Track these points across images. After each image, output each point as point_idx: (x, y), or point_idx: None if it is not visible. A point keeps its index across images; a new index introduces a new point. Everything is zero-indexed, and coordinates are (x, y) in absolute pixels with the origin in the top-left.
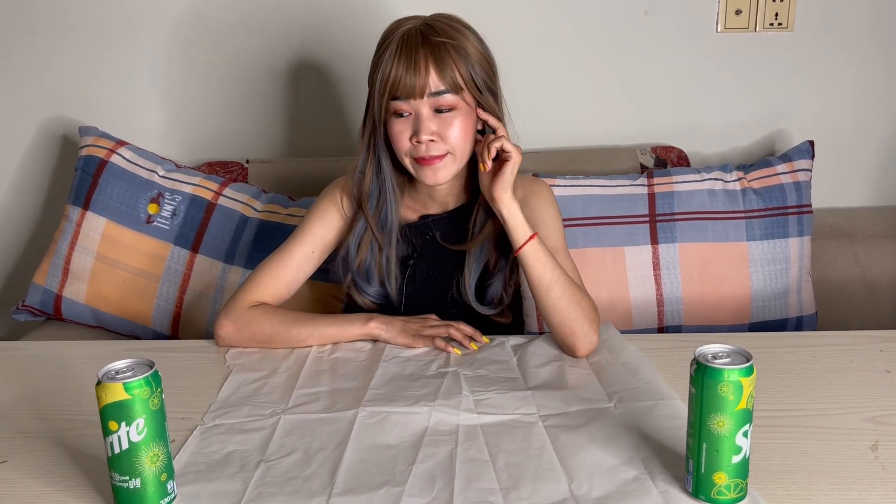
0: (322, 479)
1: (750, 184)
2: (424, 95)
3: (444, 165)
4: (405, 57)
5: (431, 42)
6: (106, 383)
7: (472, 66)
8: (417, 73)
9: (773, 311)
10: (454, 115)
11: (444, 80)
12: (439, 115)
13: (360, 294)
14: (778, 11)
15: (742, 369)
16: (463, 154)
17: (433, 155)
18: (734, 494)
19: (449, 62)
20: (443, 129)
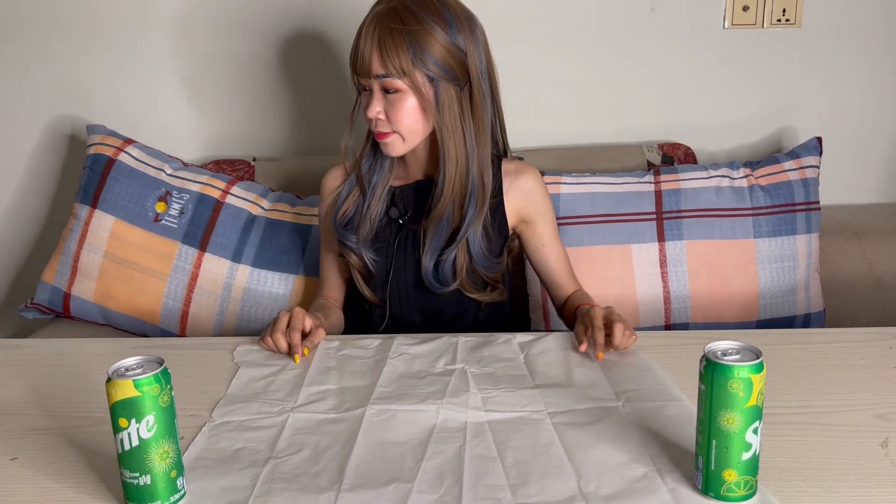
0: (331, 476)
1: (757, 181)
2: (371, 76)
3: (392, 143)
4: (363, 35)
5: (384, 26)
6: (116, 380)
7: (423, 52)
8: (365, 55)
9: (781, 309)
10: (399, 97)
11: (385, 65)
12: (387, 95)
13: (346, 249)
14: (785, 7)
15: (752, 366)
16: (412, 134)
17: (380, 131)
18: (744, 491)
19: (392, 48)
20: (388, 110)
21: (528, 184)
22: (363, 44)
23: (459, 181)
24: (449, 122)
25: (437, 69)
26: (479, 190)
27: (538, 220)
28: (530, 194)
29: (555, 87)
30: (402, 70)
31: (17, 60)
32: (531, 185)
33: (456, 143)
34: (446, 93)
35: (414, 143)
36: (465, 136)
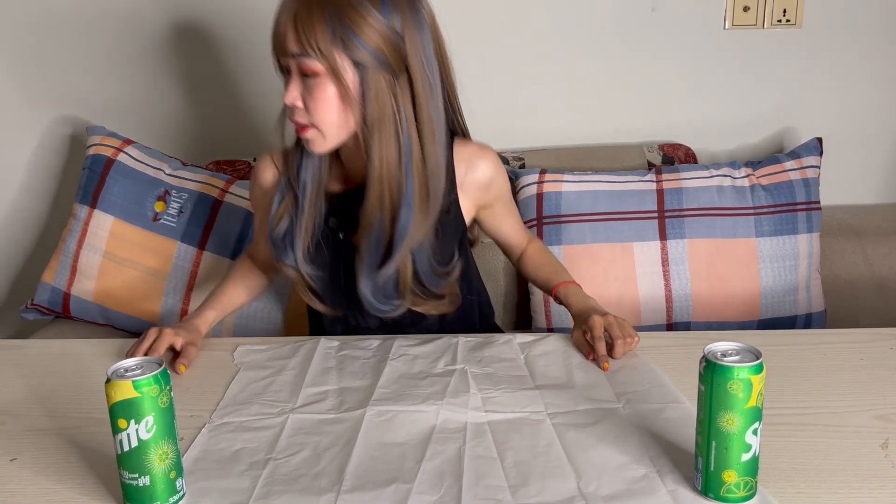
0: (331, 477)
1: (759, 180)
2: (286, 54)
3: (313, 138)
4: (281, 7)
5: (291, 4)
6: (115, 381)
7: (347, 32)
8: (280, 28)
9: (782, 308)
10: (317, 83)
11: (300, 43)
12: (306, 80)
13: (283, 266)
14: (786, 8)
15: (752, 367)
16: (332, 128)
17: (298, 122)
18: (743, 493)
19: (308, 22)
20: (306, 97)
21: (485, 173)
22: (280, 16)
23: (389, 185)
24: (375, 115)
25: (365, 54)
26: (420, 195)
27: (497, 203)
28: (489, 184)
29: (555, 88)
30: (318, 49)
31: (18, 61)
32: (490, 174)
33: (383, 140)
34: (375, 82)
35: (337, 140)
36: (398, 132)
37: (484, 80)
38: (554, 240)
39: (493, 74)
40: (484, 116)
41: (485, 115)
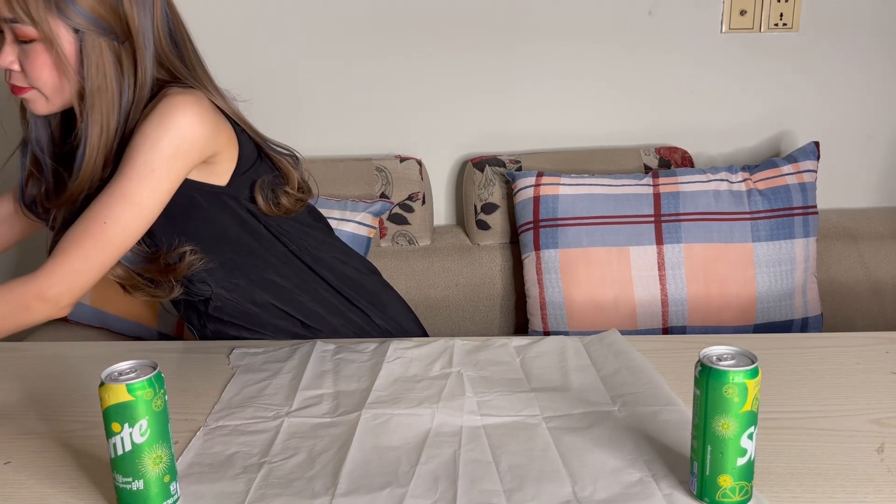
0: (325, 480)
1: (755, 185)
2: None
3: (34, 99)
4: None
5: None
6: (109, 385)
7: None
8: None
9: (779, 313)
10: (33, 48)
11: (11, 6)
12: (22, 44)
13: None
14: (783, 12)
15: (747, 371)
16: (54, 92)
17: (15, 84)
18: (739, 497)
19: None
20: (24, 62)
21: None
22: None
23: (106, 156)
24: (95, 83)
25: (83, 20)
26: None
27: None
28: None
29: (553, 91)
30: (30, 16)
31: None
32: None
33: (104, 109)
34: (95, 48)
35: (61, 103)
36: (120, 99)
37: (481, 82)
38: (550, 243)
39: (491, 77)
40: (481, 119)
41: (482, 117)
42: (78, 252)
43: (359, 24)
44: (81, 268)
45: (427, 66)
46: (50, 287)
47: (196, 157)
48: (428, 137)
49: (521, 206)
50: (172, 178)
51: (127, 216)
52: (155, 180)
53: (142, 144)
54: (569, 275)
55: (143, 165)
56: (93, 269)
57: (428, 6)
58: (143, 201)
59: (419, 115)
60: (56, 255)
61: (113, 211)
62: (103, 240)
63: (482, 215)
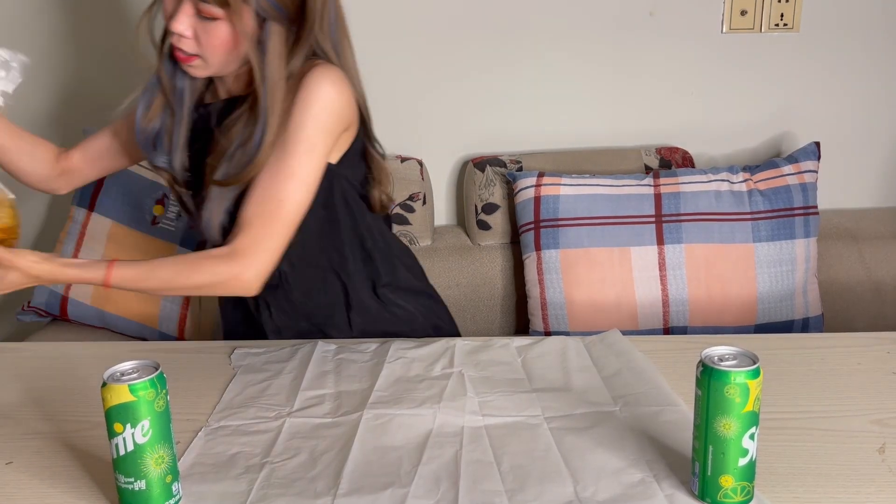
0: (327, 481)
1: (756, 185)
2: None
3: (196, 67)
4: None
5: None
6: (111, 385)
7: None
8: None
9: (780, 313)
10: (215, 26)
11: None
12: (201, 18)
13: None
14: (783, 12)
15: (748, 371)
16: (218, 65)
17: (184, 50)
18: (740, 497)
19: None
20: (200, 34)
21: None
22: None
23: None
24: (272, 66)
25: (269, 7)
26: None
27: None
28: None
29: (553, 91)
30: (225, 1)
31: None
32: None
33: (279, 90)
34: (273, 32)
35: (221, 73)
36: (287, 80)
37: (482, 82)
38: (551, 243)
39: (492, 77)
40: (482, 119)
41: (483, 118)
42: (265, 232)
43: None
44: (270, 247)
45: (428, 66)
46: (247, 268)
47: (339, 131)
48: (429, 138)
49: (521, 206)
50: (326, 152)
51: (299, 194)
52: (315, 156)
53: (302, 122)
54: (570, 275)
55: (305, 142)
56: (278, 248)
57: (428, 7)
58: (307, 177)
59: (420, 115)
60: (245, 236)
61: (286, 189)
62: (284, 219)
63: (483, 215)
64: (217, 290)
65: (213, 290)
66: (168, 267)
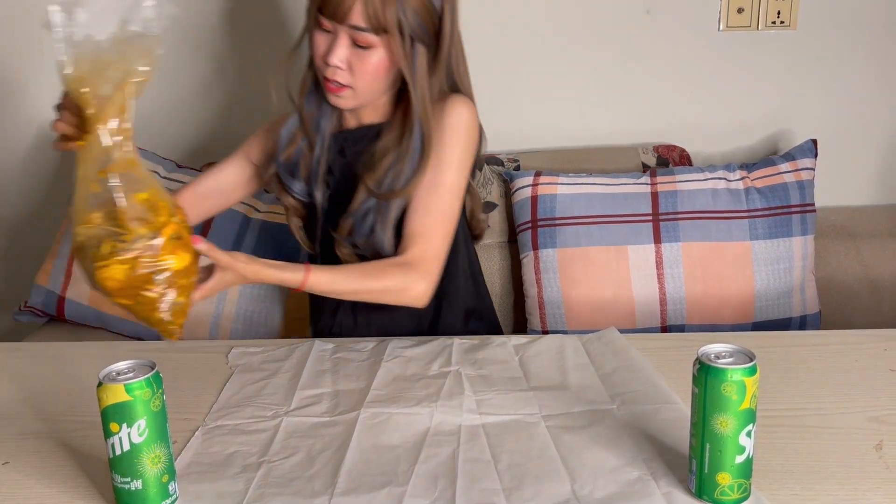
0: (324, 480)
1: (753, 183)
2: (344, 23)
3: (346, 97)
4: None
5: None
6: (107, 385)
7: (403, 12)
8: (343, 1)
9: (777, 311)
10: (369, 53)
11: (367, 18)
12: (356, 47)
13: (283, 191)
14: (780, 10)
15: (745, 369)
16: (366, 93)
17: (338, 81)
18: (737, 495)
19: (377, 2)
20: (354, 63)
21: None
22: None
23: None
24: (422, 87)
25: (418, 29)
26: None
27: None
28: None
29: (550, 90)
30: (384, 28)
31: (11, 61)
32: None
33: (426, 109)
34: (420, 55)
35: (367, 102)
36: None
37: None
38: (549, 242)
39: (488, 76)
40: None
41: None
42: (432, 245)
43: None
44: (438, 257)
45: None
46: (421, 279)
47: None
48: None
49: (519, 205)
50: (469, 171)
51: (455, 207)
52: (465, 173)
53: (453, 142)
54: (567, 274)
55: (458, 159)
56: (443, 260)
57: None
58: (460, 192)
59: None
60: (416, 248)
61: (448, 204)
62: (446, 231)
63: None
64: (394, 297)
65: (391, 297)
66: (355, 271)
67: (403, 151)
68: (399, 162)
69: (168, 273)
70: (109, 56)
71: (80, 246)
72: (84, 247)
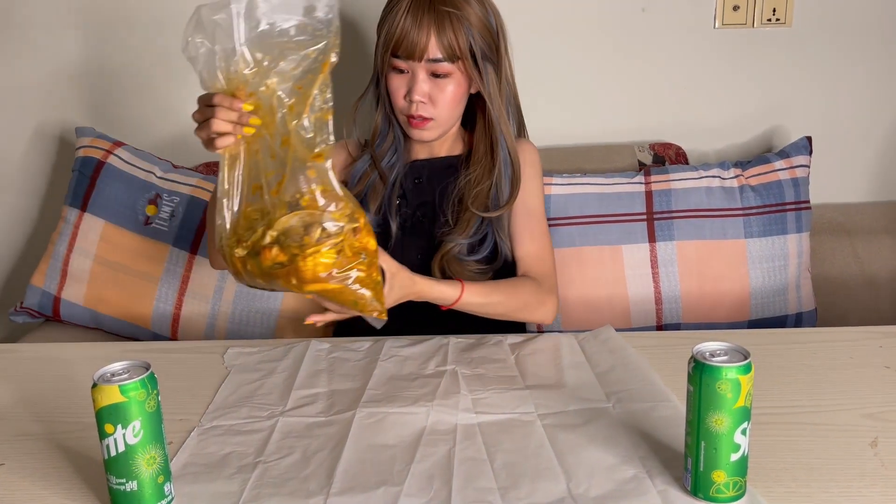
0: (320, 480)
1: (748, 181)
2: (422, 60)
3: (431, 128)
4: (410, 19)
5: (437, 10)
6: (101, 386)
7: (472, 36)
8: (419, 38)
9: (773, 308)
10: (447, 81)
11: (443, 49)
12: (434, 78)
13: None
14: (776, 7)
15: (740, 367)
16: (447, 120)
17: (422, 115)
18: (733, 492)
19: (449, 32)
20: (434, 93)
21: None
22: (411, 24)
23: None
24: (497, 101)
25: (486, 49)
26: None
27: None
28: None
29: (545, 88)
30: (458, 55)
31: (4, 61)
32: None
33: (503, 126)
34: (491, 73)
35: (448, 129)
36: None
37: None
38: None
39: None
40: None
41: None
42: (550, 266)
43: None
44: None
45: None
46: (550, 295)
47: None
48: None
49: None
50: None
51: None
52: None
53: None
54: (562, 274)
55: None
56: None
57: None
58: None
59: None
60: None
61: (545, 227)
62: (552, 253)
63: None
64: (529, 313)
65: (528, 312)
66: (501, 286)
67: (498, 170)
68: (498, 180)
69: (368, 254)
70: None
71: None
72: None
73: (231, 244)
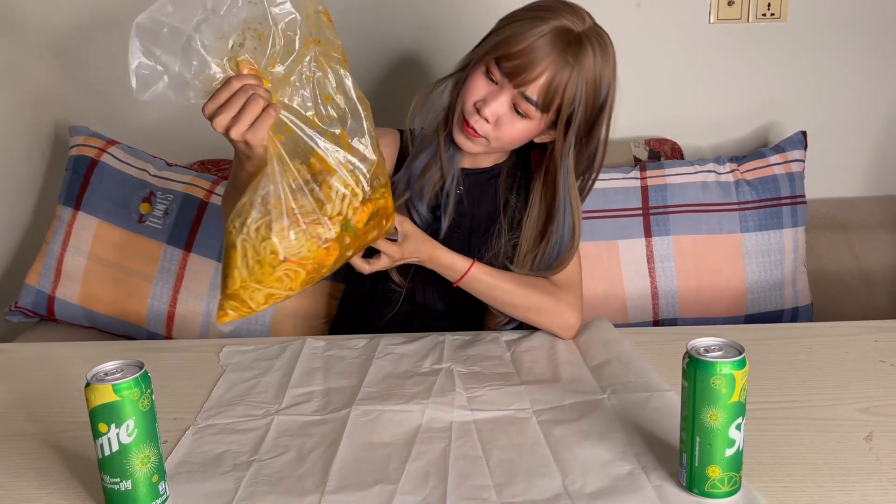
0: (315, 478)
1: (743, 175)
2: (518, 86)
3: (477, 144)
4: (538, 46)
5: (564, 59)
6: (95, 385)
7: (581, 102)
8: (529, 70)
9: (769, 303)
10: (522, 120)
11: (542, 95)
12: (513, 109)
13: (411, 210)
14: (770, 2)
15: (734, 362)
16: (498, 148)
17: (476, 129)
18: (728, 488)
19: (563, 87)
20: (504, 121)
21: None
22: (532, 52)
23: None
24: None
25: (583, 124)
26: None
27: None
28: None
29: None
30: (552, 110)
31: None
32: None
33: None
34: (572, 144)
35: (492, 153)
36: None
37: None
38: None
39: None
40: None
41: None
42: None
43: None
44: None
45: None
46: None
47: None
48: None
49: None
50: None
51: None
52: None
53: None
54: None
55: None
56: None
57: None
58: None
59: None
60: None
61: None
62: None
63: None
64: (547, 317)
65: (546, 316)
66: (515, 276)
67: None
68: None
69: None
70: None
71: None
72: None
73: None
